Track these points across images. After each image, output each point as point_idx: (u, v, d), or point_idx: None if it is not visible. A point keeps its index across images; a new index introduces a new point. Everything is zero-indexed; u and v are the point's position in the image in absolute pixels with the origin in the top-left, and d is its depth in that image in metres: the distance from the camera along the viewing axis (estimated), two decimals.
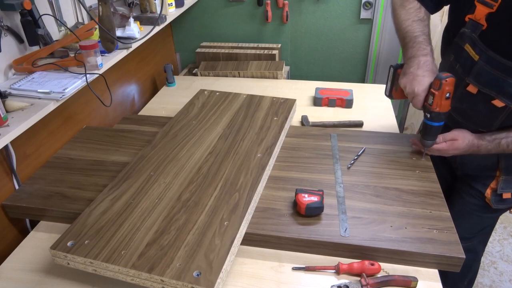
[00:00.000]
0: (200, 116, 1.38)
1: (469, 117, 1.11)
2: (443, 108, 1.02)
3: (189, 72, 2.23)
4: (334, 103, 1.64)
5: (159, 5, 1.72)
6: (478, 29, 0.98)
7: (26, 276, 0.93)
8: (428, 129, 1.08)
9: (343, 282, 0.89)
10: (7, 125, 1.00)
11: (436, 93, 1.00)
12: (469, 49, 1.01)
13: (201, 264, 0.81)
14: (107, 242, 0.87)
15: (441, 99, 1.00)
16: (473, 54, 0.99)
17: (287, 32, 2.22)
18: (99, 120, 1.60)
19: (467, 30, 1.01)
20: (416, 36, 1.07)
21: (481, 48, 0.97)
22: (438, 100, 1.01)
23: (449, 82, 0.98)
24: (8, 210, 1.12)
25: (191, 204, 0.97)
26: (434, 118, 1.04)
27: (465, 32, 1.02)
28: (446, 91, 0.99)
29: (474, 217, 1.26)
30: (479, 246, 1.37)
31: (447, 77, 0.98)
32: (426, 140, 1.11)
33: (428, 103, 1.03)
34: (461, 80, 1.04)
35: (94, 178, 1.16)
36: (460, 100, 1.07)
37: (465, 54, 1.02)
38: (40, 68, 1.23)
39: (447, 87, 0.99)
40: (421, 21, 1.09)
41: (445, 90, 0.99)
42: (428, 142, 1.11)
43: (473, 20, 0.99)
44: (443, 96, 1.00)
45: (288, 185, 1.11)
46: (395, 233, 0.94)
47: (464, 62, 1.03)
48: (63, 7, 1.38)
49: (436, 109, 1.02)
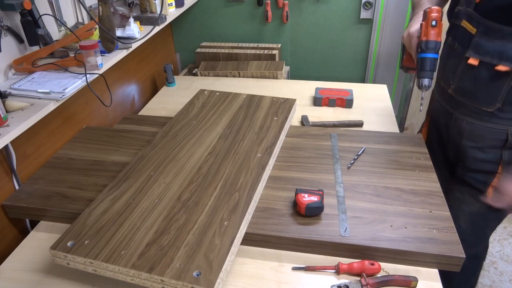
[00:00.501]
0: (200, 116, 1.38)
1: (472, 95, 1.09)
2: (430, 36, 1.03)
3: (189, 72, 2.23)
4: (334, 103, 1.64)
5: (159, 5, 1.72)
6: (472, 3, 1.01)
7: (26, 276, 0.93)
8: (421, 63, 1.05)
9: (343, 282, 0.89)
10: (7, 125, 1.00)
11: (423, 23, 1.04)
12: (466, 24, 1.04)
13: (201, 264, 0.81)
14: (107, 242, 0.87)
15: (427, 27, 1.02)
16: (470, 28, 1.02)
17: (287, 32, 2.22)
18: (99, 120, 1.60)
19: (461, 7, 1.05)
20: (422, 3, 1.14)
21: (478, 20, 1.00)
22: (425, 29, 1.03)
23: (432, 9, 1.02)
24: (8, 210, 1.12)
25: (191, 204, 0.97)
26: (423, 49, 1.04)
27: (460, 10, 1.05)
28: (431, 18, 1.01)
29: (478, 222, 1.24)
30: (482, 251, 1.36)
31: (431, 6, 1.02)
32: (422, 78, 1.06)
33: (418, 36, 1.06)
34: (461, 57, 1.06)
35: (94, 178, 1.16)
36: (462, 78, 1.08)
37: (462, 30, 1.05)
38: (40, 68, 1.23)
39: (432, 14, 1.01)
40: None
41: (430, 18, 1.01)
42: (424, 79, 1.06)
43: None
44: (429, 24, 1.02)
45: (288, 185, 1.11)
46: (395, 233, 0.94)
47: (462, 38, 1.06)
48: (63, 7, 1.38)
49: (423, 38, 1.04)
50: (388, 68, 2.21)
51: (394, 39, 2.12)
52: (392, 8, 2.04)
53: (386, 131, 1.40)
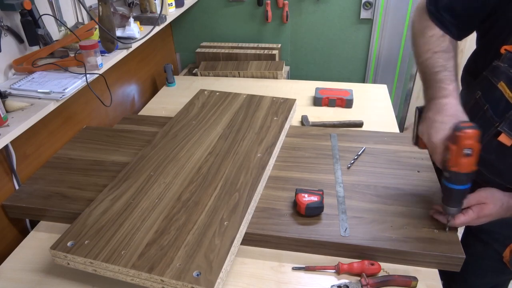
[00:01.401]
0: (200, 116, 1.38)
1: (496, 170, 0.89)
2: (461, 167, 0.79)
3: (189, 72, 2.23)
4: (334, 103, 1.64)
5: (159, 5, 1.72)
6: None
7: (26, 276, 0.93)
8: (447, 192, 0.85)
9: (343, 282, 0.89)
10: (7, 125, 1.00)
11: (452, 147, 0.78)
12: (504, 88, 0.81)
13: (201, 264, 0.81)
14: (107, 242, 0.87)
15: (457, 156, 0.78)
16: (509, 95, 0.80)
17: (287, 32, 2.22)
18: (99, 120, 1.60)
19: (502, 64, 0.81)
20: (436, 73, 0.86)
21: None
22: (454, 157, 0.78)
23: (468, 135, 0.75)
24: (8, 210, 1.12)
25: (191, 204, 0.97)
26: (452, 179, 0.82)
27: (500, 66, 0.82)
28: (464, 146, 0.76)
29: (488, 278, 1.12)
30: None
31: (467, 128, 0.75)
32: (448, 207, 0.87)
33: (445, 159, 0.81)
34: (490, 125, 0.84)
35: (94, 178, 1.16)
36: (488, 149, 0.84)
37: (498, 94, 0.82)
38: (40, 68, 1.23)
39: (466, 141, 0.76)
40: (444, 52, 0.88)
41: (462, 145, 0.76)
42: (451, 209, 0.87)
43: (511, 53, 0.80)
44: (460, 153, 0.77)
45: (288, 185, 1.11)
46: (395, 233, 0.94)
47: (496, 104, 0.83)
48: (63, 7, 1.38)
49: (452, 168, 0.80)
50: (388, 68, 2.21)
51: (394, 39, 2.12)
52: (392, 8, 2.04)
53: (386, 131, 1.40)
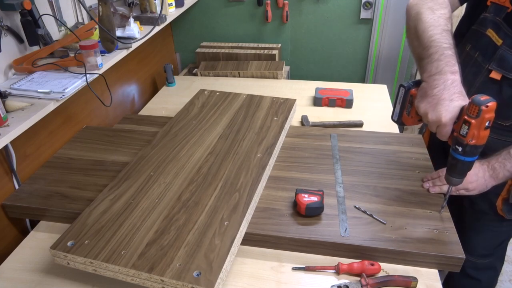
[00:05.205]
0: (200, 116, 1.38)
1: None
2: (480, 140, 0.81)
3: (189, 72, 2.23)
4: (334, 103, 1.64)
5: (159, 5, 1.72)
6: (502, 12, 0.93)
7: (26, 276, 0.93)
8: (459, 165, 0.86)
9: (343, 282, 0.89)
10: (7, 125, 1.00)
11: (473, 121, 0.79)
12: (491, 33, 0.95)
13: (201, 264, 0.81)
14: (107, 242, 0.87)
15: (479, 130, 0.79)
16: (496, 38, 0.94)
17: (287, 32, 2.22)
18: (99, 120, 1.60)
19: (489, 14, 0.96)
20: (445, 48, 0.87)
21: (506, 32, 0.92)
22: (476, 131, 0.79)
23: (490, 107, 0.77)
24: (8, 210, 1.12)
25: (191, 204, 0.97)
26: (468, 152, 0.83)
27: (487, 17, 0.97)
28: (486, 119, 0.78)
29: (489, 232, 1.20)
30: (497, 262, 1.30)
31: (488, 101, 0.77)
32: (453, 178, 0.90)
33: (461, 133, 0.82)
34: (481, 68, 0.99)
35: (94, 178, 1.16)
36: (481, 90, 0.98)
37: (486, 40, 0.97)
38: (40, 68, 1.23)
39: (488, 115, 0.78)
40: (450, 32, 0.92)
41: (485, 119, 0.78)
42: (455, 180, 0.90)
43: (497, 4, 0.95)
44: (482, 126, 0.79)
45: (288, 185, 1.11)
46: (395, 233, 0.94)
47: (485, 48, 0.97)
48: (63, 7, 1.38)
49: (472, 141, 0.81)
50: (388, 68, 2.21)
51: (394, 39, 2.12)
52: (392, 8, 2.04)
53: (386, 131, 1.40)
